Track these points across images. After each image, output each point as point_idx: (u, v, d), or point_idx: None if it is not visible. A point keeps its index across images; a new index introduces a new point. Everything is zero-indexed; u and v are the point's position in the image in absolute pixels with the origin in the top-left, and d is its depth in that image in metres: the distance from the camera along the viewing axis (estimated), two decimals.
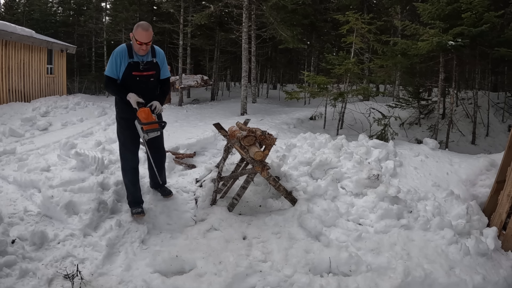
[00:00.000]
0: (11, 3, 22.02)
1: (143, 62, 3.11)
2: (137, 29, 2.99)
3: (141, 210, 3.26)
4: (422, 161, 4.13)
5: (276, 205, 3.33)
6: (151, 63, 3.16)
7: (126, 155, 3.30)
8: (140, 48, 3.02)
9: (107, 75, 3.14)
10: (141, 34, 2.97)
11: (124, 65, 3.07)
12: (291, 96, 7.63)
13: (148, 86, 3.20)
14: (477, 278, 2.45)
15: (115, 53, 3.08)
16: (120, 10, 15.86)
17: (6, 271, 2.31)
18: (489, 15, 5.66)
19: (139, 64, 3.10)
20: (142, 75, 3.13)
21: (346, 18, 7.28)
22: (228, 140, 3.68)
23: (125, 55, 3.07)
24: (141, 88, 3.15)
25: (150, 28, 3.03)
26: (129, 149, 3.29)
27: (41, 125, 7.35)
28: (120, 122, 3.31)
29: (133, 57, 3.09)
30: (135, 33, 3.00)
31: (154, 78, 3.23)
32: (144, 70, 3.12)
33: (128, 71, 3.08)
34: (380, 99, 9.65)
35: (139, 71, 3.11)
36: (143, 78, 3.15)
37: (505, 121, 8.62)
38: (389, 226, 2.91)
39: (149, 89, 3.21)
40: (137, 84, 3.13)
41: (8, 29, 9.66)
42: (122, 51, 3.08)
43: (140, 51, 3.06)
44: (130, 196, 3.35)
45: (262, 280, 2.39)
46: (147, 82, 3.18)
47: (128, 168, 3.31)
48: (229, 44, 13.91)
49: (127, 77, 3.10)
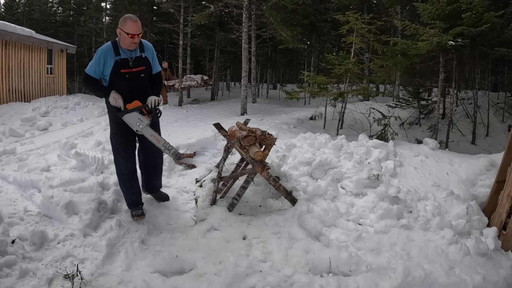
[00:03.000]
0: (11, 3, 22.03)
1: (132, 58, 2.93)
2: (125, 21, 2.81)
3: (141, 212, 3.18)
4: (422, 161, 4.13)
5: (276, 205, 3.33)
6: (140, 58, 2.98)
7: (119, 161, 3.17)
8: (132, 41, 2.85)
9: (87, 72, 2.91)
10: (131, 26, 2.80)
11: (110, 64, 2.88)
12: (291, 96, 7.63)
13: (139, 83, 3.02)
14: (477, 278, 2.45)
15: (100, 52, 2.88)
16: (120, 10, 15.85)
17: (6, 271, 2.31)
18: (489, 15, 5.66)
19: (128, 60, 2.92)
20: (131, 72, 2.94)
21: (346, 18, 7.28)
22: (228, 140, 3.68)
23: (111, 53, 2.87)
24: (131, 86, 2.97)
25: (138, 19, 2.87)
26: (121, 155, 3.13)
27: (41, 125, 7.35)
28: (112, 126, 3.15)
29: (120, 54, 2.90)
30: (124, 27, 2.81)
31: (145, 74, 3.05)
32: (134, 66, 2.94)
33: (115, 69, 2.89)
34: (380, 99, 9.65)
35: (129, 68, 2.93)
36: (133, 75, 2.96)
37: (505, 121, 8.62)
38: (389, 226, 2.91)
39: (140, 87, 3.03)
40: (127, 82, 2.95)
41: (8, 29, 9.66)
42: (107, 49, 2.88)
43: (132, 45, 2.88)
44: (127, 199, 3.29)
45: (262, 280, 2.39)
46: (138, 78, 3.00)
47: (122, 174, 3.19)
48: (229, 44, 13.90)
49: (115, 76, 2.91)
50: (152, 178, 3.43)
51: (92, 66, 2.90)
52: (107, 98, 2.95)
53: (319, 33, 14.66)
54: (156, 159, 3.37)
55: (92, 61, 2.92)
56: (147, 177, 3.42)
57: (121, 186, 3.29)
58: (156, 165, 3.40)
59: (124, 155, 3.13)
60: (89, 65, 2.92)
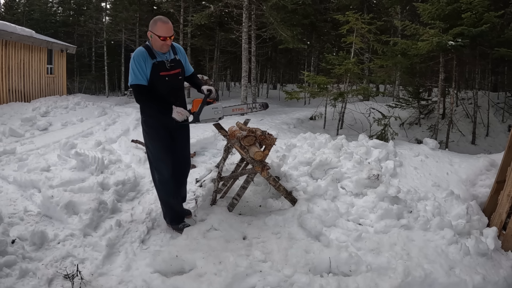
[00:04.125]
0: (11, 3, 22.04)
1: (168, 61, 2.82)
2: (156, 24, 2.69)
3: (187, 224, 3.05)
4: (422, 161, 4.13)
5: (276, 205, 3.33)
6: (175, 60, 2.88)
7: (160, 166, 2.97)
8: (164, 44, 2.72)
9: (135, 83, 2.71)
10: (162, 28, 2.68)
11: (149, 67, 2.73)
12: (291, 96, 7.64)
13: (178, 85, 2.93)
14: (477, 278, 2.45)
15: (136, 57, 2.71)
16: (120, 10, 15.88)
17: (6, 271, 2.31)
18: (489, 15, 5.66)
19: (165, 63, 2.80)
20: (170, 75, 2.83)
21: (346, 18, 7.29)
22: (228, 140, 3.68)
23: (147, 56, 2.73)
24: (172, 89, 2.85)
25: (169, 20, 2.74)
26: (162, 159, 2.95)
27: (41, 125, 7.36)
28: (149, 132, 2.94)
29: (156, 57, 2.77)
30: (155, 29, 2.69)
31: (182, 76, 2.96)
32: (171, 69, 2.83)
33: (154, 72, 2.75)
34: (380, 99, 9.66)
35: (167, 70, 2.80)
36: (172, 77, 2.85)
37: (505, 121, 8.63)
38: (389, 226, 2.91)
39: (179, 89, 2.96)
40: (167, 84, 2.81)
41: (8, 29, 9.66)
42: (142, 53, 2.73)
43: (164, 48, 2.76)
44: (173, 212, 3.06)
45: (262, 280, 2.39)
46: (176, 80, 2.90)
47: (164, 180, 2.98)
48: (229, 44, 13.92)
49: (155, 80, 2.76)
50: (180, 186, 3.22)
51: (137, 75, 2.71)
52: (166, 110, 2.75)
53: (319, 33, 14.67)
54: (186, 167, 3.23)
55: (133, 70, 2.72)
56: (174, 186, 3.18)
57: (164, 197, 3.06)
58: (185, 172, 3.24)
59: (165, 159, 2.95)
60: (133, 76, 2.72)
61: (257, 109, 3.15)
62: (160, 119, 2.87)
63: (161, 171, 2.98)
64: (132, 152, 5.14)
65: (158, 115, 2.86)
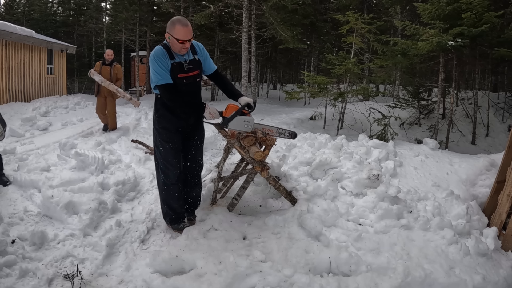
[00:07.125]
0: (11, 3, 22.04)
1: (186, 62, 2.71)
2: (174, 26, 2.57)
3: (187, 223, 3.04)
4: (422, 161, 4.13)
5: (276, 205, 3.33)
6: (193, 61, 2.76)
7: (167, 170, 2.90)
8: (182, 47, 2.61)
9: (162, 83, 2.62)
10: (180, 31, 2.56)
11: (168, 67, 2.65)
12: (291, 96, 7.64)
13: (195, 87, 2.84)
14: (477, 278, 2.45)
15: (155, 55, 2.61)
16: (120, 10, 15.86)
17: (6, 271, 2.31)
18: (489, 15, 5.66)
19: (183, 64, 2.69)
20: (188, 77, 2.73)
21: (346, 18, 7.29)
22: (228, 140, 3.68)
23: (166, 56, 2.63)
24: (190, 91, 2.77)
25: (188, 22, 2.61)
26: (170, 163, 2.88)
27: (41, 125, 7.36)
28: (161, 132, 2.85)
29: (175, 58, 2.67)
30: (173, 32, 2.57)
31: (200, 78, 2.87)
32: (189, 71, 2.73)
33: (173, 73, 2.66)
34: (380, 99, 9.66)
35: (185, 73, 2.71)
36: (190, 80, 2.75)
37: (505, 121, 8.63)
38: (389, 226, 2.91)
39: (196, 91, 2.86)
40: (186, 87, 2.73)
41: (8, 29, 9.67)
42: (161, 52, 2.63)
43: (182, 51, 2.64)
44: (172, 213, 3.02)
45: (262, 280, 2.38)
46: (194, 83, 2.80)
47: (170, 184, 2.93)
48: (229, 44, 13.91)
49: (173, 81, 2.68)
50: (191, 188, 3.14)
51: (162, 74, 2.62)
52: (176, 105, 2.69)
53: (319, 33, 14.67)
54: (198, 167, 3.14)
55: (156, 70, 2.62)
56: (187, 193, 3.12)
57: (166, 199, 3.01)
58: (197, 172, 3.15)
59: (174, 163, 2.89)
60: (158, 76, 2.62)
61: (285, 135, 3.11)
62: (176, 121, 2.80)
63: (167, 174, 2.91)
64: (132, 152, 5.14)
65: (173, 117, 2.78)
